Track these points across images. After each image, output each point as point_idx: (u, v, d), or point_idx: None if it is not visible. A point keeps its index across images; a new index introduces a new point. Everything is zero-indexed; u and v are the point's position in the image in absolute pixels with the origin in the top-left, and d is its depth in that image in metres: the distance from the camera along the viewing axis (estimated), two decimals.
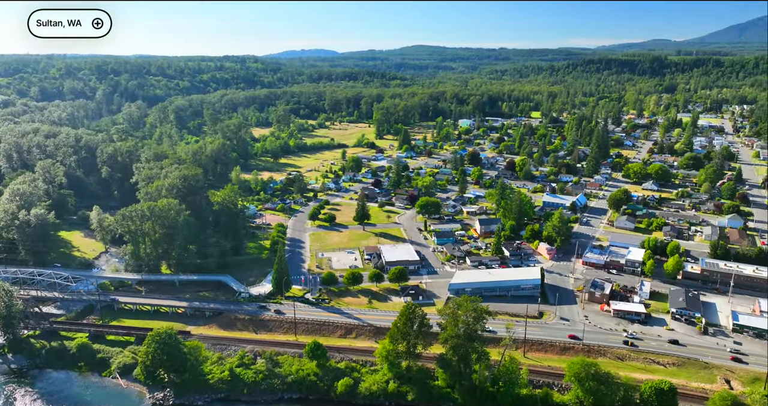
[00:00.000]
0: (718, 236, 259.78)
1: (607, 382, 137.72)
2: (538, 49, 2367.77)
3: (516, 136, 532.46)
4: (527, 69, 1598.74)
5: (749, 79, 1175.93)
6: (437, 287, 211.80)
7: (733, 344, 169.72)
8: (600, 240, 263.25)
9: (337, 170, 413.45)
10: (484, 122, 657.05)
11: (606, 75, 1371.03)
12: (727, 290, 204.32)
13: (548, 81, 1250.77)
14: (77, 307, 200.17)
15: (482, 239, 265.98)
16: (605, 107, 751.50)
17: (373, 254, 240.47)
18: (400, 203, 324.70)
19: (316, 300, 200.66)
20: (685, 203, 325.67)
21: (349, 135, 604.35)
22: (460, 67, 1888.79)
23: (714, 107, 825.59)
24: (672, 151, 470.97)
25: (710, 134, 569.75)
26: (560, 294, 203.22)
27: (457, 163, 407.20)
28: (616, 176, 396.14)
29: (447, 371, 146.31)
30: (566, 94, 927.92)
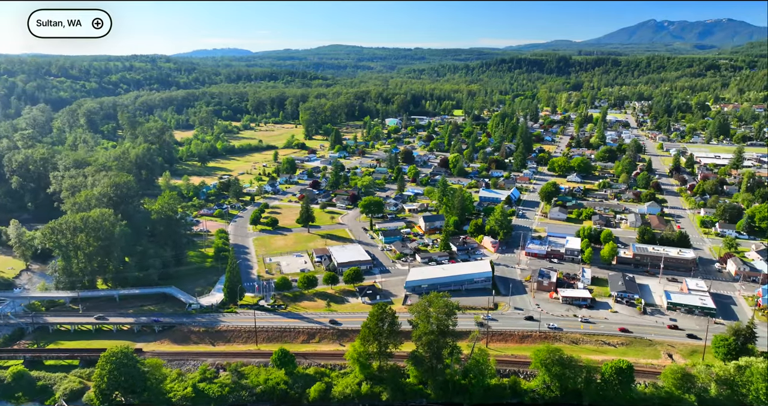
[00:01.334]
0: (641, 223, 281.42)
1: (570, 366, 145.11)
2: (451, 49, 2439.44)
3: (444, 134, 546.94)
4: (444, 68, 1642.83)
5: (643, 77, 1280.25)
6: (392, 286, 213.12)
7: (669, 321, 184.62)
8: (538, 231, 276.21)
9: (271, 173, 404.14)
10: (411, 121, 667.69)
11: (517, 74, 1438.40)
12: (656, 272, 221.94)
13: (465, 80, 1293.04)
14: (4, 332, 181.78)
15: (427, 235, 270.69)
16: (521, 105, 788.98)
17: (323, 256, 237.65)
18: (342, 203, 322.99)
19: (272, 306, 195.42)
20: (607, 192, 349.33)
21: (276, 136, 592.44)
22: (378, 67, 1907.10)
23: (617, 103, 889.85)
24: (588, 145, 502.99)
25: (618, 128, 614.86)
26: (510, 285, 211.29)
27: (392, 161, 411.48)
28: (542, 170, 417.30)
29: (419, 368, 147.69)
30: (484, 92, 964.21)
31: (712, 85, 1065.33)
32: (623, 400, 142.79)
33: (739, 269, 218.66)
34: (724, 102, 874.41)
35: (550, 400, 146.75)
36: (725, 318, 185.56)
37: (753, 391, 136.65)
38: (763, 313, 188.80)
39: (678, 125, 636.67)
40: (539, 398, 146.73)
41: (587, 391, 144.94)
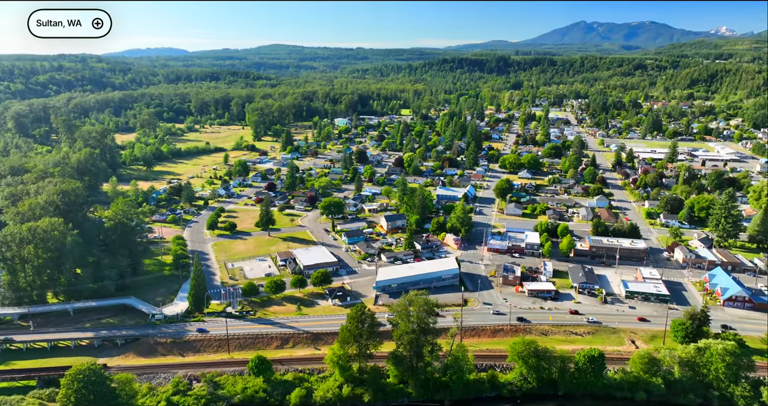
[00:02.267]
0: (592, 216, 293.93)
1: (545, 357, 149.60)
2: (393, 49, 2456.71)
3: (394, 134, 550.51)
4: (387, 68, 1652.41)
5: (578, 76, 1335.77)
6: (361, 286, 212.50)
7: (629, 309, 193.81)
8: (496, 227, 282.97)
9: (223, 176, 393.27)
10: (361, 121, 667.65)
11: (459, 73, 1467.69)
12: (612, 263, 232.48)
13: (410, 79, 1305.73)
14: None
15: (390, 235, 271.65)
16: (467, 104, 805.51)
17: (287, 260, 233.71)
18: (300, 205, 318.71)
19: (241, 313, 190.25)
20: (558, 188, 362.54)
21: (224, 138, 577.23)
22: (321, 67, 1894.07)
23: (556, 102, 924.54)
24: (534, 142, 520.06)
25: (561, 126, 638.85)
26: (476, 281, 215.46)
27: (347, 162, 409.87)
28: (493, 167, 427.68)
29: (399, 368, 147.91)
30: (430, 92, 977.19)
31: (641, 84, 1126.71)
32: (596, 387, 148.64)
33: (686, 257, 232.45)
34: (653, 100, 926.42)
35: (528, 391, 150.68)
36: (678, 304, 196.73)
37: (713, 371, 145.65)
38: (711, 297, 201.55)
39: (615, 122, 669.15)
40: (517, 390, 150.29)
41: (562, 380, 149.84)
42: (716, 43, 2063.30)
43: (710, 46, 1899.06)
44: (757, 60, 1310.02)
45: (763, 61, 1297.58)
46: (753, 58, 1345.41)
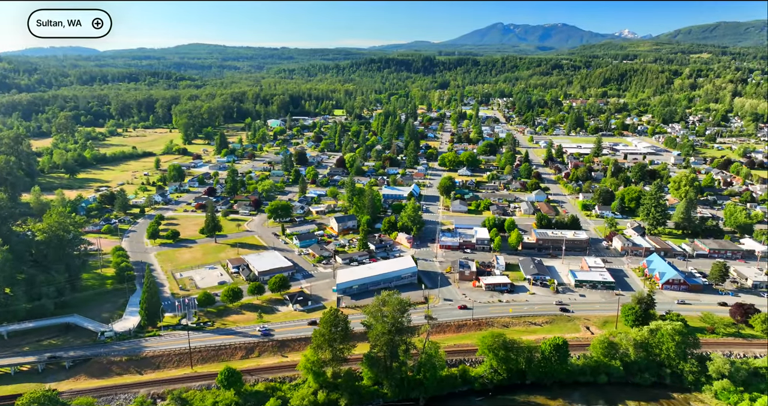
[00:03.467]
0: (533, 210, 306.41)
1: (513, 348, 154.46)
2: (319, 49, 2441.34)
3: (331, 134, 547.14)
4: (315, 68, 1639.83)
5: (501, 75, 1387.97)
6: (320, 290, 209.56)
7: (579, 297, 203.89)
8: (445, 224, 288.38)
9: (157, 181, 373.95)
10: (295, 122, 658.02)
11: (387, 73, 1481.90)
12: (558, 254, 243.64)
13: (339, 79, 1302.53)
14: None
15: (342, 236, 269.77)
16: (398, 103, 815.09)
17: (240, 266, 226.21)
18: (244, 209, 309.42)
19: (198, 324, 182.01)
20: (497, 184, 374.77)
21: (151, 142, 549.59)
22: (245, 67, 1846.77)
23: (483, 100, 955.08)
24: (468, 140, 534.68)
25: (491, 124, 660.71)
26: (433, 278, 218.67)
27: (288, 164, 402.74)
28: (433, 165, 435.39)
29: (374, 369, 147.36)
30: (361, 92, 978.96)
31: (560, 83, 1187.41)
32: (561, 373, 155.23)
33: (624, 245, 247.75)
34: (572, 97, 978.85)
35: (498, 383, 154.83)
36: (623, 289, 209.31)
37: (664, 350, 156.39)
38: (651, 281, 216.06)
39: (540, 119, 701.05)
40: (488, 382, 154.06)
41: (530, 370, 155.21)
42: (621, 45, 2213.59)
43: (617, 47, 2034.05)
44: (658, 60, 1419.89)
45: (663, 61, 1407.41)
46: (655, 58, 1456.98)
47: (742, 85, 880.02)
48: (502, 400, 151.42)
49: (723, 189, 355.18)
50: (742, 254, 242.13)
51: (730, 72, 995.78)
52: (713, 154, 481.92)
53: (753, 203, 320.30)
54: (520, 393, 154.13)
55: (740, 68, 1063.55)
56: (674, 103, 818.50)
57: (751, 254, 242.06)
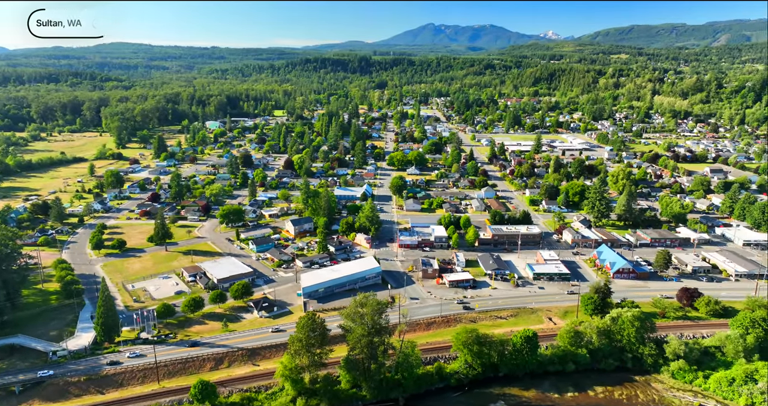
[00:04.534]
0: (484, 207, 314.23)
1: (487, 342, 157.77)
2: (252, 49, 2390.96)
3: (275, 135, 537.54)
4: (249, 68, 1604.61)
5: (436, 75, 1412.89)
6: (283, 295, 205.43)
7: (538, 290, 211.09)
8: (401, 223, 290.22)
9: (93, 189, 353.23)
10: (236, 123, 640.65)
11: (323, 73, 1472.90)
12: (514, 249, 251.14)
13: (275, 80, 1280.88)
14: None
15: (298, 239, 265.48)
16: (339, 103, 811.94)
17: (197, 274, 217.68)
18: (193, 215, 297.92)
19: (159, 337, 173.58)
20: (446, 182, 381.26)
21: (81, 147, 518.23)
22: (174, 67, 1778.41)
23: (422, 100, 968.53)
24: (413, 139, 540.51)
25: (433, 123, 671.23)
26: (397, 277, 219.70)
27: (234, 167, 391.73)
28: (381, 165, 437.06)
29: (353, 372, 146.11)
30: (299, 92, 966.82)
31: (493, 82, 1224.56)
32: (532, 364, 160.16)
33: (574, 238, 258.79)
34: (506, 96, 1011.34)
35: (473, 377, 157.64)
36: (578, 280, 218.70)
37: (625, 336, 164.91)
38: (602, 271, 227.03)
39: (479, 118, 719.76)
40: (464, 377, 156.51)
41: (502, 362, 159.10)
42: (547, 45, 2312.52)
43: (543, 48, 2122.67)
44: (582, 61, 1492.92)
45: (587, 61, 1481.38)
46: (579, 59, 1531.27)
47: (660, 84, 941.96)
48: (478, 394, 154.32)
49: (655, 182, 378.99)
50: (679, 241, 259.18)
51: (648, 72, 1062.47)
52: (641, 149, 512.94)
53: (682, 194, 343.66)
54: (495, 386, 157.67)
55: (657, 68, 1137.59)
56: (601, 101, 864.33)
57: (687, 242, 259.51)
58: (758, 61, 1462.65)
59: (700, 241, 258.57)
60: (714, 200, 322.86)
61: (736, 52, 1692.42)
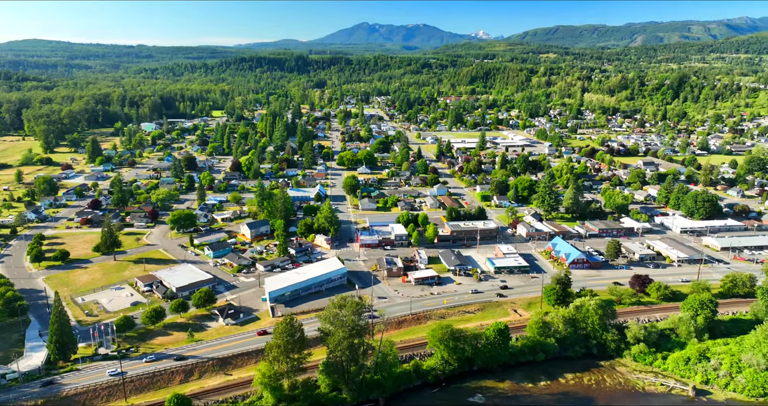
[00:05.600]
0: (438, 204, 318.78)
1: (461, 337, 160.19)
2: (181, 47, 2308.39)
3: (217, 137, 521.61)
4: (180, 67, 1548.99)
5: (375, 74, 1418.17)
6: (247, 300, 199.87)
7: (500, 283, 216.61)
8: (358, 223, 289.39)
9: (23, 197, 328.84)
10: (173, 125, 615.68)
11: (260, 72, 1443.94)
12: (473, 244, 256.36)
13: (209, 79, 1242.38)
14: None
15: (256, 243, 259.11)
16: (279, 103, 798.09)
17: (153, 284, 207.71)
18: (139, 221, 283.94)
19: (120, 352, 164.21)
20: (397, 180, 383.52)
21: (2, 152, 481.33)
22: (98, 66, 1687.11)
23: (363, 99, 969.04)
24: (360, 138, 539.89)
25: (377, 122, 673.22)
26: (362, 277, 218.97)
27: (178, 170, 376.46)
28: (330, 165, 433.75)
29: (332, 375, 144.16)
30: (237, 92, 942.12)
31: (431, 81, 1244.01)
32: (504, 356, 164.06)
33: (528, 231, 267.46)
34: (445, 95, 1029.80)
35: (449, 373, 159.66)
36: (536, 272, 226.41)
37: (590, 323, 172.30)
38: (558, 262, 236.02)
39: (422, 116, 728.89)
40: (441, 374, 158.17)
41: (477, 356, 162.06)
42: (480, 45, 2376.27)
43: (476, 47, 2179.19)
44: (514, 59, 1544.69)
45: (519, 60, 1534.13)
46: (511, 58, 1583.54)
47: (588, 82, 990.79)
48: (455, 389, 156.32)
49: (595, 175, 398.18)
50: (624, 231, 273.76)
51: (576, 70, 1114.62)
52: (578, 144, 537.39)
53: (621, 186, 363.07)
54: (470, 380, 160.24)
55: (585, 67, 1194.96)
56: (535, 99, 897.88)
57: (631, 231, 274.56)
58: (672, 60, 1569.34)
59: (643, 230, 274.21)
60: (650, 191, 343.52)
61: (652, 52, 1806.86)
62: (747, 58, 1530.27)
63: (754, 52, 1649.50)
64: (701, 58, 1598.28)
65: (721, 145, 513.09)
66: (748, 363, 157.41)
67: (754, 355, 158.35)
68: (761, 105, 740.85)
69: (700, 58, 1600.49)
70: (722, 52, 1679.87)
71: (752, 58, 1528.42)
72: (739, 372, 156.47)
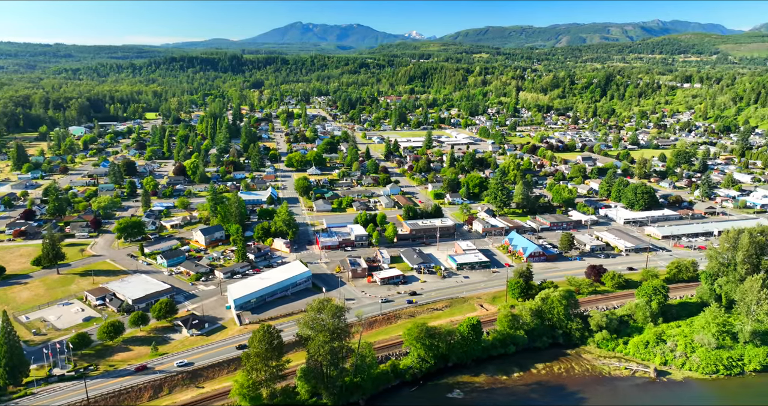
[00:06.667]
0: (393, 203, 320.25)
1: (436, 335, 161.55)
2: (104, 46, 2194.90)
3: (155, 140, 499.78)
4: (105, 67, 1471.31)
5: (312, 74, 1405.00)
6: (209, 309, 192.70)
7: (464, 279, 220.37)
8: (315, 225, 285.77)
9: None
10: (105, 128, 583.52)
11: (192, 73, 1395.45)
12: (431, 242, 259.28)
13: (139, 80, 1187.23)
14: None
15: (211, 249, 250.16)
16: (218, 104, 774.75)
17: (105, 297, 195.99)
18: (81, 231, 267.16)
19: (78, 372, 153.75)
20: (349, 180, 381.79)
21: None
22: (10, 66, 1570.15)
23: (303, 99, 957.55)
24: (305, 139, 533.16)
25: (320, 122, 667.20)
26: (326, 280, 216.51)
27: (117, 176, 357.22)
28: (278, 167, 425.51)
29: (312, 381, 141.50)
30: (171, 93, 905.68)
31: (369, 81, 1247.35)
32: (477, 350, 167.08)
33: (484, 227, 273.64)
34: (385, 95, 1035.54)
35: (426, 370, 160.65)
36: (497, 267, 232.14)
37: (555, 314, 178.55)
38: (516, 256, 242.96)
39: (365, 116, 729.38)
40: (418, 372, 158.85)
41: (452, 352, 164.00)
42: (414, 45, 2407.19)
43: (411, 47, 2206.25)
44: (449, 59, 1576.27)
45: (453, 60, 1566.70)
46: (446, 58, 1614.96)
47: (522, 81, 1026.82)
48: (432, 386, 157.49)
49: (539, 171, 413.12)
50: (573, 224, 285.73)
51: (510, 70, 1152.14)
52: (518, 141, 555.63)
53: (564, 181, 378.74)
54: (447, 376, 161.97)
55: (517, 67, 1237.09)
56: (473, 98, 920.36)
57: (579, 224, 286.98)
58: (596, 60, 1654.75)
59: (591, 222, 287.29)
60: (592, 185, 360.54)
61: (578, 52, 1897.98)
62: (662, 58, 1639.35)
63: (667, 52, 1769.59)
64: (622, 58, 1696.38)
65: (648, 140, 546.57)
66: (700, 343, 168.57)
67: (705, 335, 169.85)
68: (679, 102, 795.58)
69: (620, 58, 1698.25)
70: (640, 53, 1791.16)
71: (666, 59, 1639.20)
72: (693, 352, 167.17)
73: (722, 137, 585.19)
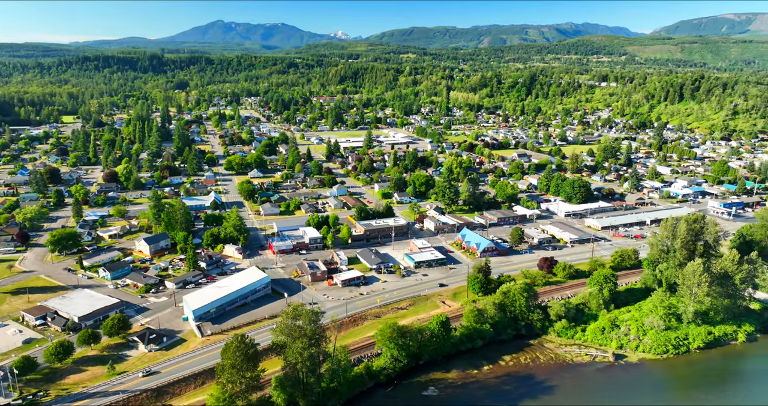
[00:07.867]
0: (341, 204, 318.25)
1: (407, 334, 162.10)
2: (3, 44, 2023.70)
3: (78, 145, 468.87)
4: (7, 67, 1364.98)
5: (239, 74, 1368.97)
6: (165, 322, 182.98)
7: (423, 277, 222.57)
8: (265, 229, 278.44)
9: None
10: (17, 133, 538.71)
11: (108, 73, 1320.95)
12: (385, 242, 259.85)
13: (49, 81, 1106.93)
14: None
15: (157, 259, 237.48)
16: (142, 106, 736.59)
17: (47, 315, 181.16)
18: (6, 246, 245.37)
19: (25, 399, 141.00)
20: (294, 182, 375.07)
21: None
22: None
23: (233, 100, 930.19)
24: (242, 141, 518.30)
25: (255, 123, 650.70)
26: (285, 285, 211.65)
27: (40, 185, 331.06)
28: (217, 170, 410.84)
29: (287, 390, 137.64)
30: (90, 94, 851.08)
31: (300, 81, 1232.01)
32: (447, 347, 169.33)
33: (436, 225, 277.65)
34: (317, 95, 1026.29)
35: (399, 370, 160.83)
36: (453, 263, 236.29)
37: (517, 306, 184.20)
38: (470, 252, 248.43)
39: (300, 117, 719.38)
40: (392, 372, 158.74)
41: (423, 350, 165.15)
42: (341, 45, 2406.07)
43: (339, 47, 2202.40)
44: (378, 59, 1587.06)
45: (381, 60, 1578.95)
46: (374, 58, 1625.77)
47: (451, 81, 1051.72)
48: (407, 385, 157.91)
49: (479, 168, 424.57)
50: (519, 218, 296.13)
51: (439, 70, 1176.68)
52: (455, 140, 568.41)
53: (504, 177, 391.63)
54: (420, 375, 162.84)
55: (446, 67, 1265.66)
56: (405, 98, 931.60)
57: (524, 218, 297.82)
58: (517, 60, 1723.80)
59: (535, 216, 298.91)
60: (531, 180, 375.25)
61: (500, 53, 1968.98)
62: (578, 59, 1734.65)
63: (582, 53, 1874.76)
64: (541, 58, 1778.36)
65: (575, 137, 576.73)
66: (650, 326, 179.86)
67: (654, 318, 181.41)
68: (598, 100, 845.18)
69: (540, 58, 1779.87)
70: (557, 53, 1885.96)
71: (581, 59, 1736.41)
72: (645, 335, 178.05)
73: (640, 133, 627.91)
